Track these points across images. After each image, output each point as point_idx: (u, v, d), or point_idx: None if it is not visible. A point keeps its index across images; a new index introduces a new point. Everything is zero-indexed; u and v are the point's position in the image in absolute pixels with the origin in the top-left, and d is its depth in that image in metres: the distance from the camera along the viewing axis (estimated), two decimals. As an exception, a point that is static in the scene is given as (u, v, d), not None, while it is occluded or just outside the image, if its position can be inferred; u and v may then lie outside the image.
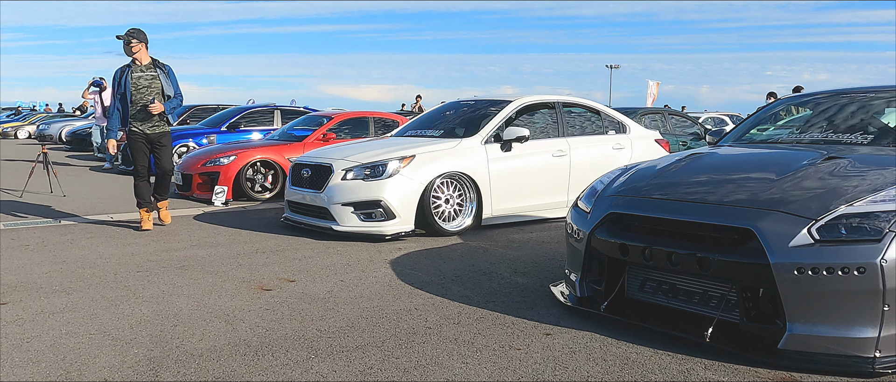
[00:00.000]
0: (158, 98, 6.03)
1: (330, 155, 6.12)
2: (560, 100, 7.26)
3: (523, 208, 6.58)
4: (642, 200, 3.45)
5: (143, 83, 6.04)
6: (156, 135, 6.11)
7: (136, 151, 6.14)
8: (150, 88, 6.05)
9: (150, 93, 6.03)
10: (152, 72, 6.08)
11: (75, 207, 7.93)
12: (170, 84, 6.11)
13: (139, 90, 6.03)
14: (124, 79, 6.02)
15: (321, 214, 5.94)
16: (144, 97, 6.00)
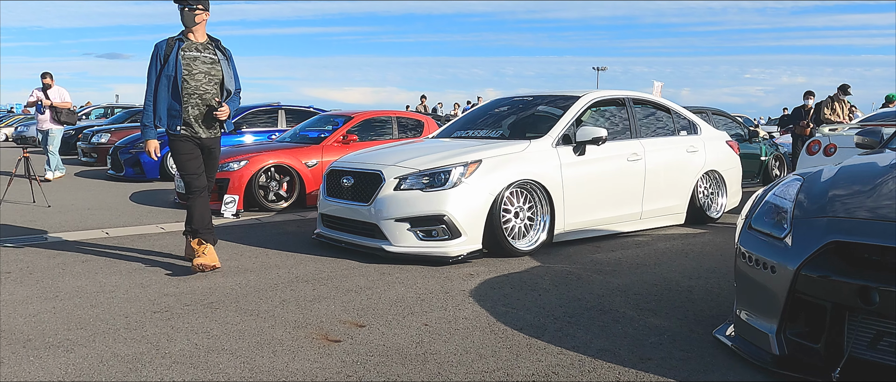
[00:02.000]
0: (218, 91, 4.48)
1: (377, 160, 5.11)
2: (630, 96, 6.32)
3: (596, 221, 5.63)
4: (882, 224, 2.49)
5: (201, 68, 4.41)
6: (210, 143, 4.56)
7: (187, 158, 4.45)
8: (210, 77, 4.44)
9: (210, 84, 4.44)
10: (212, 54, 4.48)
11: (63, 220, 6.84)
12: (231, 74, 4.55)
13: (194, 77, 4.40)
14: (174, 57, 4.34)
15: (368, 231, 4.93)
16: (202, 88, 4.41)
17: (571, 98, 5.89)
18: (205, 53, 4.47)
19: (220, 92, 4.51)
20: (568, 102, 5.84)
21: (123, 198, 8.66)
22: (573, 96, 5.92)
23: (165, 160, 10.56)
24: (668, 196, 6.24)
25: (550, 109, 5.91)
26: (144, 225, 6.63)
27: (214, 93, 4.47)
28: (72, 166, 13.29)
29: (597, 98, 5.97)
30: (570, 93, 6.05)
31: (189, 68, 4.39)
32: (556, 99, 6.05)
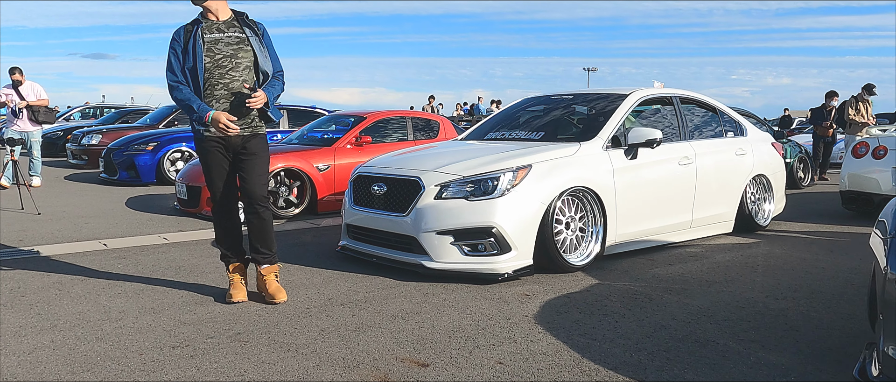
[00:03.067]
0: (250, 79, 3.65)
1: (413, 165, 4.58)
2: (677, 94, 5.83)
3: (647, 231, 5.13)
4: None
5: (224, 50, 3.61)
6: (242, 141, 3.67)
7: (210, 165, 3.73)
8: (236, 60, 3.62)
9: (238, 69, 3.63)
10: (238, 32, 3.66)
11: (56, 230, 6.25)
12: (267, 54, 3.71)
13: (217, 63, 3.59)
14: (193, 43, 3.59)
15: (405, 245, 4.39)
16: (229, 75, 3.59)
17: (617, 96, 5.39)
18: (229, 32, 3.65)
19: (255, 76, 3.68)
20: (614, 101, 5.34)
21: (119, 204, 8.07)
22: (619, 95, 5.41)
23: (161, 163, 9.97)
24: (717, 203, 5.75)
25: (595, 108, 5.40)
26: (145, 235, 6.06)
27: (245, 79, 3.62)
28: (61, 169, 12.65)
29: (645, 96, 5.47)
30: (615, 91, 5.55)
31: (211, 54, 3.59)
32: (598, 98, 5.55)
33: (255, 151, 3.70)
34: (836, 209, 7.83)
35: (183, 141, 10.25)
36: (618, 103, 5.24)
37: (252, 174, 3.69)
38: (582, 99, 5.66)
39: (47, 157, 15.13)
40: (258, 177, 3.71)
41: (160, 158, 9.97)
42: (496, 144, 5.16)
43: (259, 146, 3.74)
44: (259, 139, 3.75)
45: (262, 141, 3.77)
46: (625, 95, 5.37)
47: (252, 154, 3.70)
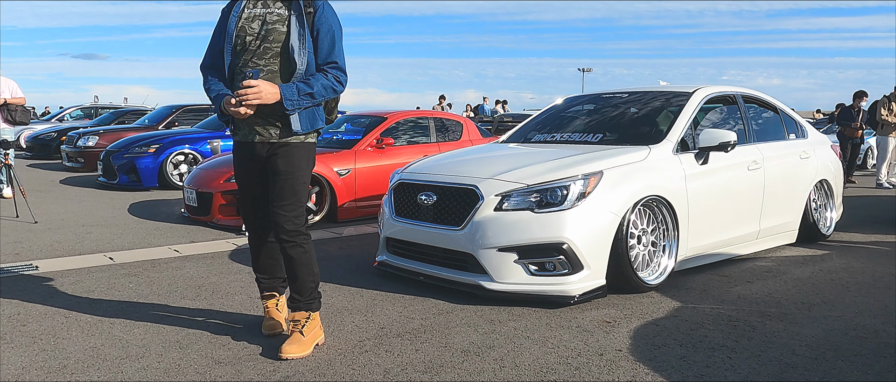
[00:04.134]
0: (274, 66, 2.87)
1: (467, 171, 4.05)
2: (740, 92, 5.33)
3: (717, 243, 4.63)
4: None
5: (258, 30, 2.90)
6: (267, 151, 2.96)
7: (237, 173, 3.14)
8: (266, 44, 2.88)
9: (265, 56, 2.88)
10: (283, 8, 2.92)
11: (55, 241, 5.69)
12: (305, 39, 2.87)
13: (246, 46, 2.91)
14: (231, 17, 2.96)
15: (458, 262, 3.87)
16: (253, 62, 2.89)
17: (680, 95, 4.88)
18: (273, 7, 2.92)
19: (280, 67, 2.88)
20: (677, 99, 4.84)
21: (121, 210, 7.51)
22: (682, 93, 4.91)
23: (164, 166, 9.40)
24: (783, 211, 5.26)
25: (657, 107, 4.90)
26: (154, 247, 5.51)
27: (271, 70, 2.86)
28: (56, 172, 12.05)
29: (711, 94, 4.97)
30: (675, 89, 5.05)
31: (243, 34, 2.91)
32: (657, 96, 5.04)
33: (282, 168, 2.91)
34: (887, 215, 7.36)
35: (186, 143, 9.69)
36: (683, 102, 4.74)
37: (275, 198, 2.92)
38: (638, 98, 5.15)
39: (40, 159, 14.53)
40: (283, 203, 2.91)
41: (163, 161, 9.41)
42: (549, 147, 4.64)
43: (288, 162, 2.91)
44: (289, 152, 2.92)
45: (293, 155, 2.93)
46: (689, 92, 4.87)
47: (277, 172, 2.92)
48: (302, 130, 2.90)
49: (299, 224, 2.95)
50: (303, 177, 2.97)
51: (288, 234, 2.93)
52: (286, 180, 2.92)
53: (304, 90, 2.85)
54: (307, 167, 3.00)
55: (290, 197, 2.93)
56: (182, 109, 12.79)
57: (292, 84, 2.84)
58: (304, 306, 3.02)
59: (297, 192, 2.94)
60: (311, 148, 3.03)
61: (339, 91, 2.98)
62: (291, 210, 2.93)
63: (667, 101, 4.89)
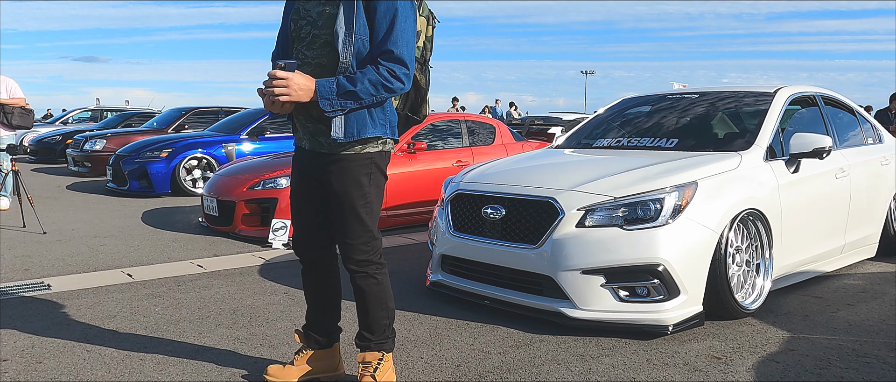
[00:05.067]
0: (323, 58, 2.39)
1: (540, 181, 3.57)
2: (820, 93, 4.87)
3: (805, 260, 4.16)
4: None
5: (311, 15, 2.42)
6: (319, 164, 2.48)
7: (292, 190, 2.65)
8: (315, 31, 2.41)
9: (315, 45, 2.41)
10: None
11: (67, 255, 5.22)
12: (352, 22, 2.34)
13: (298, 33, 2.46)
14: (287, 7, 2.55)
15: (532, 285, 3.40)
16: (304, 53, 2.43)
17: (761, 95, 4.42)
18: None
19: (329, 58, 2.38)
20: (758, 100, 4.37)
21: (134, 219, 7.04)
22: (762, 93, 4.44)
23: (176, 170, 8.93)
24: (865, 223, 4.79)
25: (733, 111, 4.44)
26: (175, 262, 5.04)
27: (320, 63, 2.39)
28: (61, 177, 11.58)
29: (794, 94, 4.50)
30: (754, 88, 4.58)
31: (296, 18, 2.46)
32: (733, 97, 4.58)
33: (337, 189, 2.43)
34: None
35: (199, 147, 9.22)
36: (765, 104, 4.27)
37: (337, 228, 2.49)
38: (711, 98, 4.68)
39: (45, 163, 14.07)
40: (346, 232, 2.45)
41: (176, 165, 8.94)
42: (620, 154, 4.17)
43: (342, 181, 2.41)
44: (343, 168, 2.41)
45: (347, 171, 2.41)
46: (769, 92, 4.40)
47: (333, 195, 2.45)
48: (344, 138, 2.35)
49: (370, 253, 2.47)
50: (364, 198, 2.43)
51: (357, 263, 2.47)
52: (344, 206, 2.43)
53: (345, 88, 2.30)
54: (371, 185, 2.44)
55: (354, 225, 2.44)
56: (192, 112, 12.33)
57: (332, 79, 2.32)
58: (375, 345, 2.54)
59: (362, 218, 2.43)
60: (374, 160, 2.45)
61: (394, 89, 2.34)
62: (358, 238, 2.45)
63: (745, 102, 4.43)
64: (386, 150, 2.49)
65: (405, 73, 2.34)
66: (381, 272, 2.51)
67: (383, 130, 2.43)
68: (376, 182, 2.47)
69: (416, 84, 2.56)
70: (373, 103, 2.36)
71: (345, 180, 2.41)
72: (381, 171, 2.48)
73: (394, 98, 2.53)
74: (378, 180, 2.47)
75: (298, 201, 2.61)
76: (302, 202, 2.60)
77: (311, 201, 2.56)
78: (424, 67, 2.58)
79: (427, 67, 2.61)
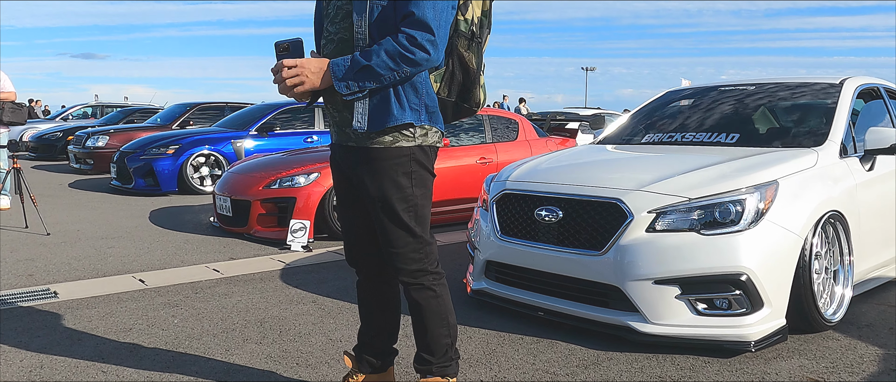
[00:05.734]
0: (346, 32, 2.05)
1: (602, 180, 3.23)
2: (883, 84, 4.53)
3: (878, 265, 3.83)
4: None
5: (335, 13, 2.09)
6: (346, 158, 2.16)
7: (337, 191, 2.32)
8: (341, 24, 2.07)
9: (337, 19, 2.08)
10: None
11: (74, 259, 4.88)
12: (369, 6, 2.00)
13: (327, 10, 2.14)
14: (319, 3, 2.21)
15: (596, 296, 3.07)
16: (328, 30, 2.12)
17: (826, 86, 4.08)
18: None
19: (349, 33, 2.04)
20: (823, 91, 4.04)
21: (141, 219, 6.70)
22: (828, 84, 4.11)
23: (183, 168, 8.59)
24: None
25: (795, 104, 4.11)
26: (189, 267, 4.71)
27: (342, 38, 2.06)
28: (63, 174, 11.23)
29: (861, 85, 4.16)
30: (818, 80, 4.24)
31: (327, 12, 2.13)
32: (793, 88, 4.24)
33: (372, 191, 2.08)
34: None
35: (207, 143, 8.87)
36: (833, 96, 3.94)
37: (379, 229, 2.14)
38: (770, 90, 4.34)
39: (45, 160, 13.72)
40: (389, 239, 2.11)
41: (183, 163, 8.59)
42: (678, 151, 3.83)
43: (375, 180, 2.07)
44: (374, 168, 2.06)
45: (379, 170, 2.06)
46: (835, 84, 4.07)
47: (368, 197, 2.11)
48: (367, 127, 2.00)
49: (422, 260, 2.12)
50: (405, 201, 2.07)
51: (409, 274, 2.13)
52: (384, 212, 2.09)
53: (359, 63, 1.93)
54: (413, 184, 2.08)
55: (398, 233, 2.09)
56: (196, 107, 11.99)
57: (347, 56, 1.98)
58: (438, 370, 2.20)
59: (406, 223, 2.08)
60: (412, 155, 2.06)
61: (417, 60, 1.93)
62: (405, 246, 2.10)
63: (807, 94, 4.10)
64: (428, 143, 2.10)
65: (430, 40, 1.94)
66: (439, 283, 2.17)
67: (417, 116, 2.05)
68: (420, 180, 2.10)
69: (462, 63, 2.14)
70: (396, 81, 1.97)
71: (380, 181, 2.06)
72: (423, 167, 2.10)
73: (432, 79, 2.12)
74: (422, 178, 2.10)
75: (343, 204, 2.28)
76: (346, 205, 2.26)
77: (355, 204, 2.22)
78: (472, 44, 2.12)
79: (477, 43, 2.16)
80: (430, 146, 2.11)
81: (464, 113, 2.26)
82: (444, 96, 2.17)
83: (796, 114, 4.02)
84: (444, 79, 2.15)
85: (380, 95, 2.00)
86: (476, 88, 2.20)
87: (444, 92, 2.17)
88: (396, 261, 2.12)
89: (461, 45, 2.12)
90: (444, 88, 2.16)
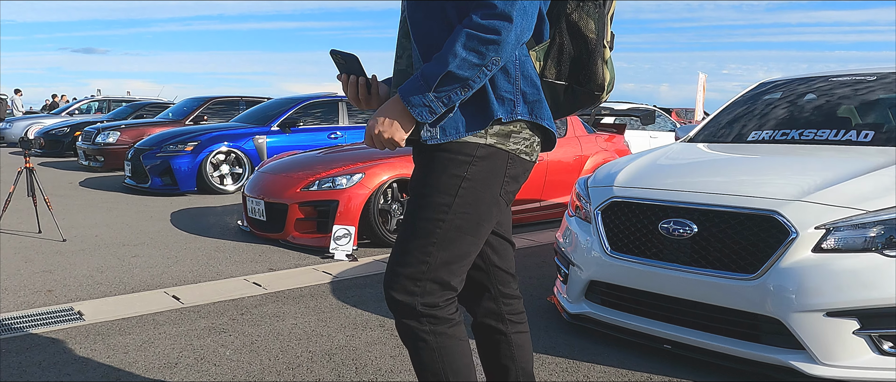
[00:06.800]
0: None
1: (751, 186, 2.69)
2: None
3: None
4: None
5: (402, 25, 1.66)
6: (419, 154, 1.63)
7: None
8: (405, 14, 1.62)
9: (404, 26, 1.64)
10: None
11: (96, 270, 4.35)
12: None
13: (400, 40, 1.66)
14: None
15: (745, 329, 2.54)
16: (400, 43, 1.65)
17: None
18: None
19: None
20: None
21: (163, 222, 6.17)
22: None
23: (203, 166, 8.06)
24: None
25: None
26: (226, 279, 4.18)
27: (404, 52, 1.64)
28: (72, 172, 10.70)
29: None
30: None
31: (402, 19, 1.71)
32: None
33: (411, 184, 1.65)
34: None
35: (225, 140, 8.34)
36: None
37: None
38: (865, 79, 3.80)
39: (52, 157, 13.19)
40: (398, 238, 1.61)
41: (202, 160, 8.06)
42: (809, 151, 3.29)
43: (416, 173, 1.62)
44: (426, 163, 1.57)
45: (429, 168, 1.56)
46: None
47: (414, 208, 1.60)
48: (439, 136, 1.51)
49: (416, 292, 1.54)
50: (432, 194, 1.53)
51: (395, 305, 1.57)
52: (409, 205, 1.61)
53: (432, 73, 1.43)
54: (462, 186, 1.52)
55: (405, 238, 1.57)
56: (211, 101, 11.47)
57: (413, 76, 1.49)
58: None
59: (418, 227, 1.54)
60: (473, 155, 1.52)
61: (498, 33, 1.41)
62: (405, 262, 1.55)
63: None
64: (510, 147, 1.55)
65: (502, 11, 1.41)
66: (434, 331, 1.57)
67: (508, 109, 1.52)
68: (472, 193, 1.53)
69: (574, 30, 1.60)
70: (483, 76, 1.44)
71: (422, 172, 1.58)
72: (485, 181, 1.54)
73: (533, 56, 1.59)
74: (474, 193, 1.53)
75: None
76: None
77: None
78: (584, 3, 1.61)
79: (595, 3, 1.62)
80: (515, 155, 1.56)
81: (584, 101, 1.68)
82: (552, 79, 1.63)
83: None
84: (549, 54, 1.62)
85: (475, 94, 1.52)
86: (596, 63, 1.61)
87: (552, 72, 1.63)
88: (387, 279, 1.58)
89: (569, 7, 1.59)
90: (552, 66, 1.62)
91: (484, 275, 1.77)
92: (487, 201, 1.56)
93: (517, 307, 1.81)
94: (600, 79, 1.63)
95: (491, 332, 1.79)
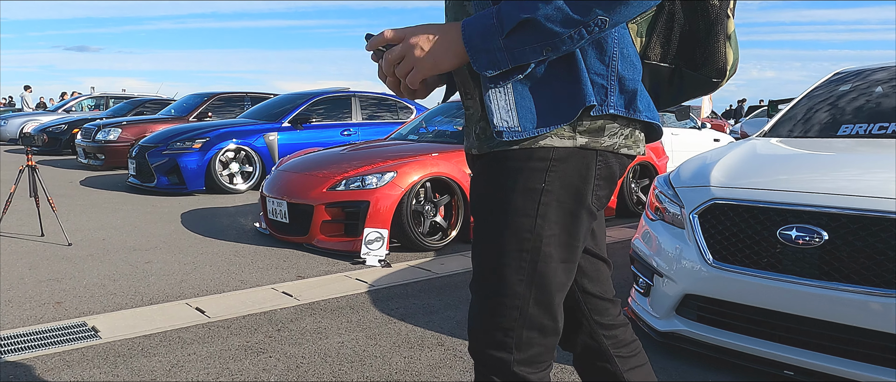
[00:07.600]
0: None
1: (875, 185, 2.31)
2: None
3: None
4: None
5: None
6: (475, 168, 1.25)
7: None
8: None
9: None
10: None
11: (107, 278, 3.95)
12: None
13: None
14: None
15: (890, 353, 2.16)
16: None
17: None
18: None
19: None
20: None
21: (173, 224, 5.77)
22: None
23: (212, 164, 7.64)
24: None
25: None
26: (253, 289, 3.79)
27: None
28: (72, 170, 10.27)
29: None
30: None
31: None
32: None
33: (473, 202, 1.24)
34: None
35: (234, 137, 7.92)
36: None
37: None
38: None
39: (50, 155, 12.75)
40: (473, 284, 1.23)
41: (210, 158, 7.64)
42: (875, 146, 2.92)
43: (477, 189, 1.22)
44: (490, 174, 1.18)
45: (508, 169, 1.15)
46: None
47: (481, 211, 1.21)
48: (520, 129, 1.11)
49: (507, 345, 1.18)
50: (509, 227, 1.15)
51: (485, 361, 1.19)
52: (476, 233, 1.22)
53: (515, 18, 1.04)
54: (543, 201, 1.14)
55: (484, 275, 1.19)
56: (215, 97, 11.03)
57: (487, 11, 1.08)
58: None
59: (497, 267, 1.17)
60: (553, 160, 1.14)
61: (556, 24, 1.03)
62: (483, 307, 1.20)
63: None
64: (604, 145, 1.16)
65: None
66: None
67: (600, 99, 1.13)
68: (554, 209, 1.15)
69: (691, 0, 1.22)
70: (578, 38, 1.04)
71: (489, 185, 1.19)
72: (574, 190, 1.16)
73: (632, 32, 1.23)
74: (559, 207, 1.15)
75: None
76: None
77: None
78: None
79: None
80: (608, 152, 1.17)
81: (695, 88, 1.30)
82: (656, 60, 1.26)
83: None
84: (655, 28, 1.24)
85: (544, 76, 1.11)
86: (718, 40, 1.23)
87: (656, 52, 1.25)
88: (470, 325, 1.22)
89: None
90: (657, 45, 1.25)
91: (573, 304, 1.38)
92: (577, 214, 1.17)
93: (624, 337, 1.42)
94: (722, 61, 1.25)
95: (598, 373, 1.40)
